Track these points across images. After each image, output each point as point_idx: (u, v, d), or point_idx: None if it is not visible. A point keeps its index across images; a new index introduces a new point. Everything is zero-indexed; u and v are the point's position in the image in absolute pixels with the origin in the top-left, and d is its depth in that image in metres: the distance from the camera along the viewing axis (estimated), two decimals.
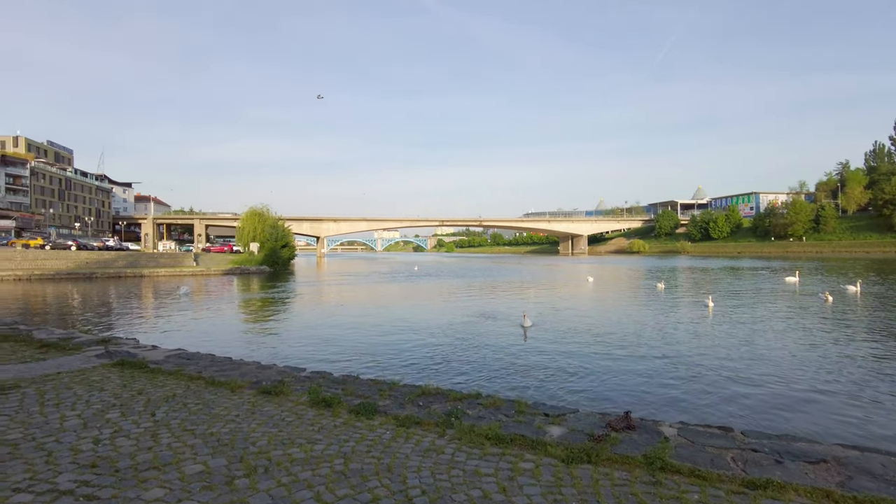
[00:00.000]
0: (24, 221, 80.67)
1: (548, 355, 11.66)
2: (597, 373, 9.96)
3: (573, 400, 8.02)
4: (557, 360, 11.07)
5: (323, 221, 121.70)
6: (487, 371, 10.07)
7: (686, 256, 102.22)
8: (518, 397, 6.08)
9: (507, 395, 8.14)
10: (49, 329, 10.62)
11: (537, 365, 10.63)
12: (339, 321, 18.41)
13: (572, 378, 9.56)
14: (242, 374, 6.68)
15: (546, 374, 9.81)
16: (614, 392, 8.56)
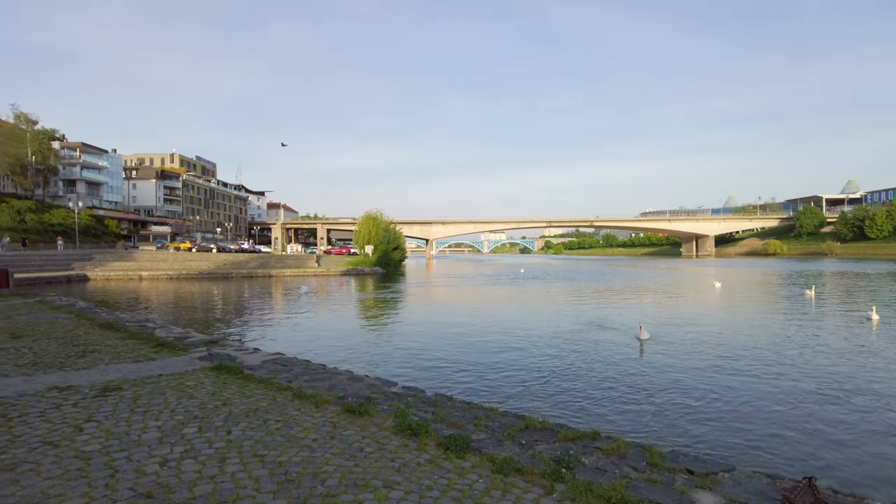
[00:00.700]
0: (177, 227, 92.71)
1: (669, 375, 9.98)
2: (734, 402, 8.15)
3: (709, 440, 6.47)
4: (681, 382, 9.37)
5: (432, 224, 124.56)
6: (598, 392, 8.72)
7: (834, 259, 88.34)
8: (651, 443, 4.82)
9: (620, 423, 6.87)
10: (170, 328, 11.30)
11: (657, 387, 9.05)
12: (441, 325, 17.92)
13: (703, 407, 7.87)
14: (331, 386, 6.21)
15: (669, 400, 8.23)
16: (763, 433, 6.78)
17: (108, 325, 11.01)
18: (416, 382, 8.48)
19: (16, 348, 8.31)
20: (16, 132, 62.05)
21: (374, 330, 17.68)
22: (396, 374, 9.60)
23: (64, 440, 4.33)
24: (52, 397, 5.57)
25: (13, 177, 62.16)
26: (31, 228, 58.42)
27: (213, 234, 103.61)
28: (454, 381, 9.21)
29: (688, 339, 14.21)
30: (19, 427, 4.62)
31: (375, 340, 14.83)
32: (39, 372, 6.69)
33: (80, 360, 7.45)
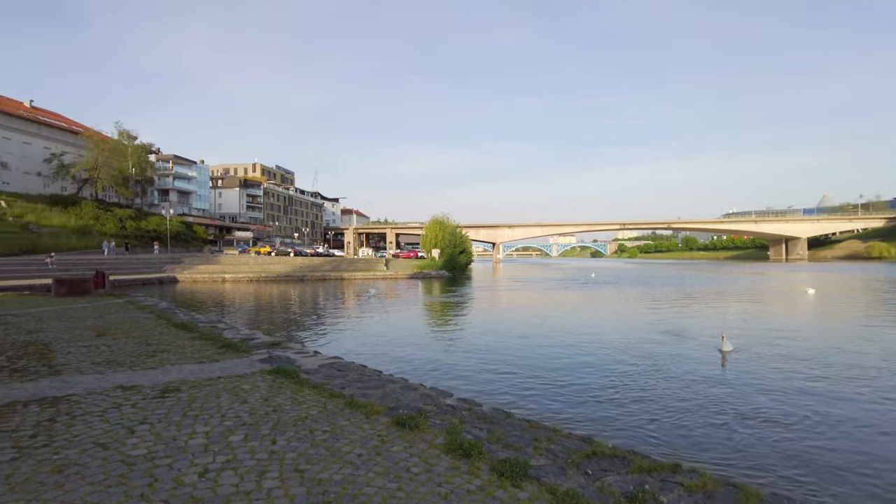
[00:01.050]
0: (258, 233, 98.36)
1: (757, 395, 8.83)
2: (840, 432, 6.98)
3: (809, 479, 5.48)
4: (772, 404, 8.23)
5: (498, 228, 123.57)
6: (676, 413, 7.81)
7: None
8: (744, 481, 4.07)
9: (702, 451, 6.05)
10: (238, 329, 11.61)
11: (744, 409, 8.00)
12: (504, 331, 17.33)
13: (801, 437, 6.74)
14: (384, 394, 5.93)
15: (758, 426, 7.17)
16: (883, 479, 5.69)
17: (182, 326, 11.49)
18: (474, 393, 8.04)
19: (97, 346, 8.78)
20: (119, 147, 68.41)
21: (435, 334, 17.43)
22: (453, 384, 9.20)
23: (115, 442, 4.31)
24: (115, 396, 5.69)
25: (116, 188, 68.52)
26: (130, 234, 64.10)
27: (291, 239, 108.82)
28: (514, 394, 8.64)
29: (777, 352, 12.75)
30: (79, 426, 4.69)
31: (436, 345, 14.54)
32: (110, 370, 6.95)
33: (149, 360, 7.70)
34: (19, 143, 62.20)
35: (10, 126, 61.24)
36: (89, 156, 65.09)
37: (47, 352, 8.17)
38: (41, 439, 4.36)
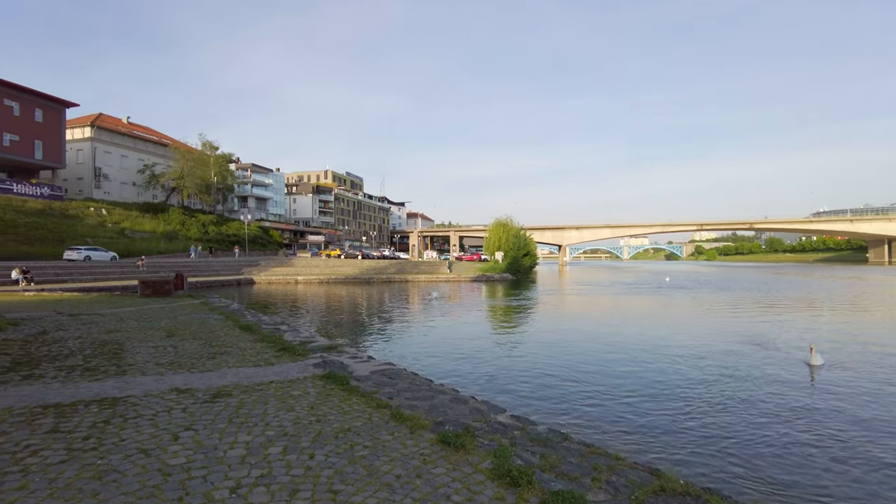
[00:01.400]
0: (329, 236, 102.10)
1: (851, 414, 7.67)
2: None
3: None
4: (872, 433, 7.07)
5: (565, 230, 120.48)
6: (759, 440, 6.86)
7: None
8: None
9: (793, 491, 5.22)
10: (298, 331, 11.76)
11: (834, 429, 6.95)
12: (567, 339, 16.53)
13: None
14: (432, 407, 5.60)
15: (858, 459, 6.16)
16: None
17: (247, 327, 11.81)
18: (529, 410, 7.54)
19: (164, 347, 9.13)
20: (203, 157, 73.40)
21: (494, 341, 16.93)
22: (508, 398, 8.71)
23: (157, 449, 4.28)
24: (169, 399, 5.77)
25: (200, 195, 73.50)
26: (213, 238, 68.48)
27: (360, 243, 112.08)
28: (574, 412, 8.01)
29: (876, 367, 11.18)
30: (129, 430, 4.73)
31: (493, 353, 14.06)
32: (171, 372, 7.13)
33: (208, 362, 7.86)
34: (118, 157, 68.33)
35: (111, 141, 67.47)
36: (176, 166, 70.34)
37: (120, 351, 8.58)
38: (92, 442, 4.41)
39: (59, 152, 56.54)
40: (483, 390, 9.03)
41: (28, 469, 3.84)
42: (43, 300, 19.20)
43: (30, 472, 3.80)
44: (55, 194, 55.57)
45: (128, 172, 69.41)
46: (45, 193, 54.38)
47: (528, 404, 8.14)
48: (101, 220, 56.52)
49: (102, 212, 58.16)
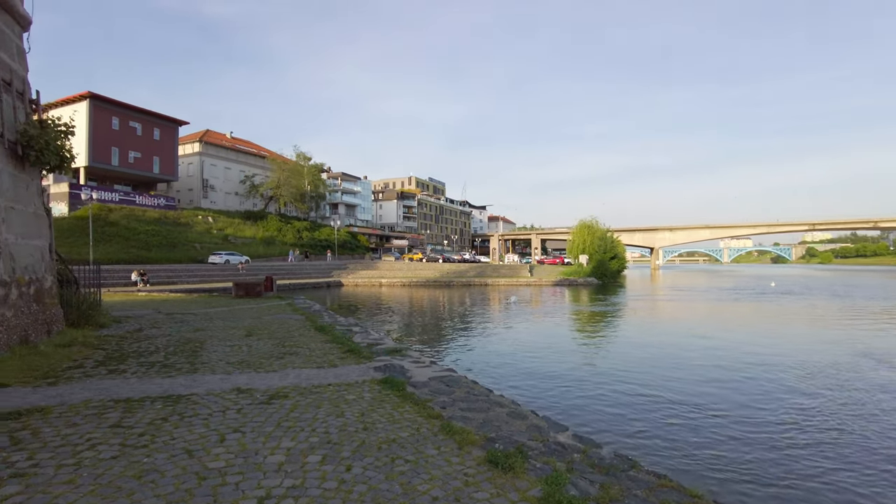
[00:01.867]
0: (412, 241, 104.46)
1: None
2: None
3: None
4: None
5: (657, 231, 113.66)
6: (878, 481, 5.66)
7: None
8: None
9: None
10: (368, 332, 11.79)
11: None
12: (653, 349, 15.23)
13: None
14: (486, 420, 5.18)
15: None
16: None
17: (321, 328, 12.06)
18: (597, 428, 6.82)
19: (240, 346, 9.48)
20: (297, 168, 78.11)
21: (570, 349, 16.03)
22: (575, 413, 8.01)
23: (202, 450, 4.25)
24: (228, 399, 5.84)
25: (295, 203, 78.23)
26: (306, 244, 72.56)
27: (441, 246, 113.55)
28: (649, 433, 7.14)
29: None
30: (181, 429, 4.79)
31: (567, 362, 13.24)
32: (238, 371, 7.31)
33: (276, 362, 8.00)
34: (223, 169, 74.59)
35: (217, 155, 73.84)
36: (273, 176, 75.46)
37: (198, 349, 9.02)
38: (145, 439, 4.50)
39: (173, 166, 62.75)
40: (548, 404, 8.41)
41: (81, 463, 3.95)
42: (151, 299, 21.16)
43: (82, 465, 3.90)
44: (170, 204, 61.69)
45: (231, 183, 75.56)
46: (162, 204, 60.51)
47: (597, 422, 7.41)
48: (207, 227, 61.89)
49: (209, 220, 63.67)
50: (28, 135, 8.89)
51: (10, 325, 8.06)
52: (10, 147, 8.62)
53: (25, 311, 8.65)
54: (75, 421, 4.95)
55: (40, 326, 9.06)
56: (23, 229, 8.99)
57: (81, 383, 6.41)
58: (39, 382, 6.39)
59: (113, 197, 54.67)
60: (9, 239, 8.42)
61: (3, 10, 9.16)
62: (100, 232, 47.78)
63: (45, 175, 10.43)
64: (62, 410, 5.27)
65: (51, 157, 9.37)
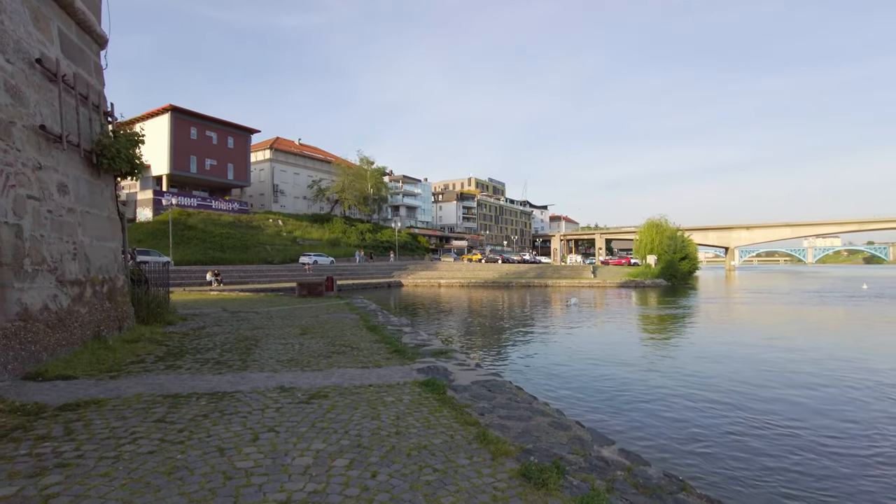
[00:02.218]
0: (472, 241, 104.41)
1: None
2: None
3: None
4: None
5: (732, 230, 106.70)
6: None
7: None
8: None
9: None
10: (418, 333, 11.70)
11: None
12: (723, 356, 14.11)
13: None
14: (525, 430, 4.88)
15: None
16: None
17: (373, 328, 12.14)
18: (649, 443, 6.28)
19: (292, 344, 9.69)
20: (361, 172, 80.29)
21: (628, 354, 15.19)
22: (626, 426, 7.45)
23: (233, 449, 4.27)
24: (270, 398, 5.90)
25: (358, 206, 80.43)
26: (368, 245, 74.37)
27: (501, 247, 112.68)
28: (709, 452, 6.48)
29: None
30: (219, 426, 4.86)
31: (623, 369, 12.52)
32: (285, 370, 7.42)
33: (322, 361, 8.06)
34: (292, 174, 77.96)
35: (287, 161, 77.29)
36: (338, 180, 77.96)
37: (253, 347, 9.30)
38: (183, 435, 4.59)
39: (246, 172, 66.28)
40: (597, 415, 7.91)
41: (121, 456, 4.07)
42: (221, 298, 22.34)
43: (121, 459, 4.01)
44: (243, 209, 65.16)
45: (299, 188, 78.80)
46: (235, 208, 64.03)
47: (651, 437, 6.83)
48: (277, 230, 64.85)
49: (279, 223, 66.71)
50: (101, 144, 9.54)
51: (85, 321, 8.66)
52: (86, 156, 9.29)
53: (99, 308, 9.28)
54: (125, 414, 5.16)
55: (112, 323, 9.69)
56: (97, 232, 9.66)
57: (139, 378, 6.73)
58: (102, 375, 6.78)
59: (191, 202, 58.48)
60: (84, 241, 9.07)
61: (83, 30, 9.90)
62: (179, 235, 51.27)
63: (119, 182, 11.17)
64: (116, 403, 5.52)
65: (122, 165, 10.02)
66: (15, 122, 7.27)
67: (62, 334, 7.83)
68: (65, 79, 8.58)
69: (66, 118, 8.76)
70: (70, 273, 8.45)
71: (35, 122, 7.76)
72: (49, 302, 7.71)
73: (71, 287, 8.43)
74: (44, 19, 8.44)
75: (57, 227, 8.17)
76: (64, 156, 8.57)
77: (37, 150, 7.79)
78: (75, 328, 8.26)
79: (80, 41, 9.76)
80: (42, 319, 7.41)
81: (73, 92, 8.97)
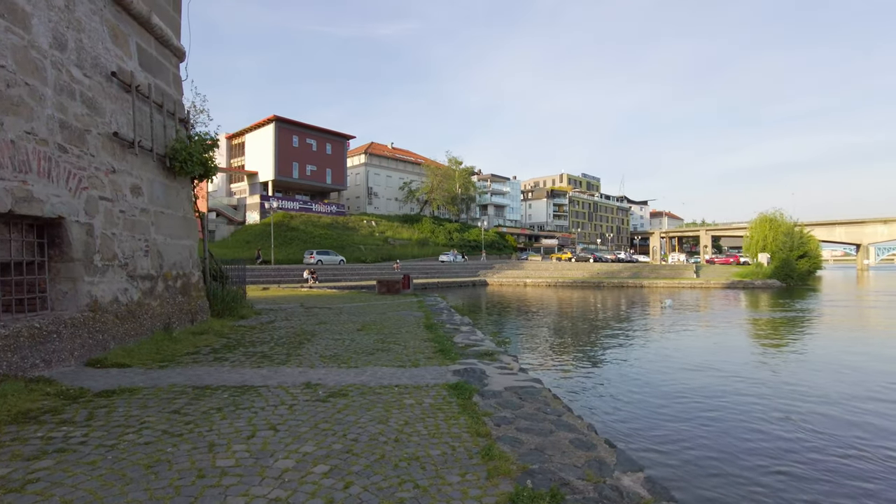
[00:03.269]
0: (562, 240, 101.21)
1: None
2: None
3: None
4: None
5: (865, 224, 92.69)
6: None
7: None
8: None
9: None
10: (473, 332, 11.21)
11: None
12: (837, 371, 12.00)
13: None
14: (538, 446, 4.27)
15: None
16: None
17: (430, 326, 11.89)
18: (689, 471, 5.24)
19: (343, 340, 9.70)
20: (449, 172, 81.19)
21: (715, 366, 13.47)
22: (670, 449, 6.33)
23: (223, 446, 4.15)
24: (291, 393, 5.81)
25: (446, 206, 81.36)
26: (456, 244, 74.91)
27: (595, 245, 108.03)
28: (758, 486, 5.28)
29: None
30: (225, 421, 4.80)
31: (696, 383, 11.04)
32: (322, 365, 7.36)
33: (363, 358, 7.92)
34: (384, 177, 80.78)
35: (380, 165, 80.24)
36: (428, 182, 79.45)
37: (305, 342, 9.44)
38: (189, 427, 4.59)
39: (343, 177, 69.72)
40: (641, 433, 6.88)
41: (117, 446, 4.12)
42: (308, 295, 23.48)
43: (115, 449, 4.06)
44: (340, 211, 68.59)
45: (392, 189, 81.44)
46: (333, 210, 67.55)
47: (695, 464, 5.71)
48: (370, 231, 67.47)
49: (372, 223, 69.39)
50: (174, 149, 10.25)
51: (155, 313, 9.31)
52: (160, 160, 10.01)
53: (170, 301, 9.96)
54: (149, 403, 5.32)
55: (184, 315, 10.37)
56: (172, 231, 10.38)
57: (184, 369, 7.02)
58: (154, 365, 7.17)
59: (294, 206, 62.63)
60: (157, 239, 9.78)
61: (161, 44, 10.70)
62: (283, 236, 55.12)
63: (196, 184, 11.97)
64: (148, 392, 5.74)
65: (195, 167, 10.70)
66: (90, 130, 7.94)
67: (131, 325, 8.45)
68: (139, 89, 9.28)
69: (142, 125, 9.49)
70: (142, 268, 9.12)
71: (110, 129, 8.44)
72: (119, 295, 8.35)
73: (142, 281, 9.09)
74: (122, 36, 9.18)
75: (129, 226, 8.85)
76: (138, 160, 9.28)
77: (111, 155, 8.47)
78: (145, 319, 8.90)
79: (159, 54, 10.55)
80: (112, 311, 8.03)
81: (148, 101, 9.70)
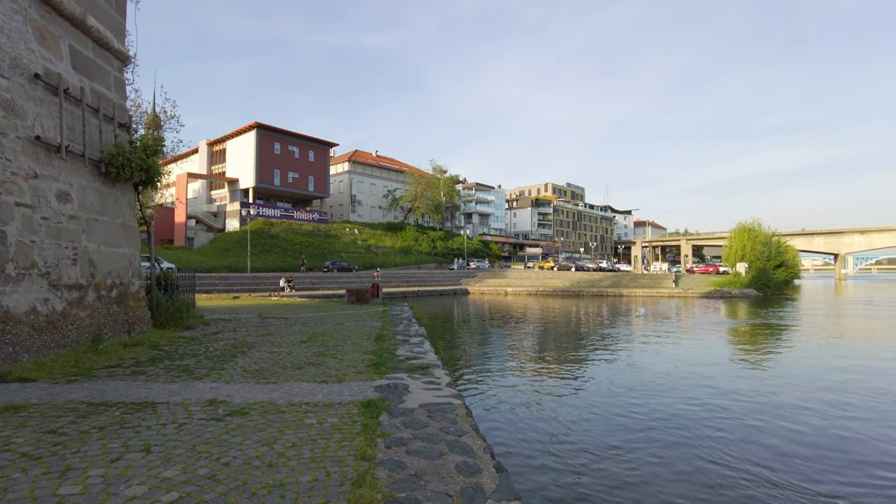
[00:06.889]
0: (546, 248, 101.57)
1: None
2: None
3: None
4: None
5: (843, 234, 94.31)
6: None
7: None
8: None
9: None
10: (422, 344, 10.95)
11: None
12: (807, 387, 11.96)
13: None
14: (418, 472, 4.05)
15: None
16: None
17: (381, 337, 11.65)
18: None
19: (279, 353, 9.41)
20: (433, 181, 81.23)
21: (659, 384, 13.39)
22: (577, 475, 6.15)
23: (77, 471, 3.85)
24: (190, 411, 5.53)
25: (431, 214, 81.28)
26: (440, 252, 74.72)
27: (579, 254, 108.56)
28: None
29: None
30: (101, 441, 4.51)
31: (653, 395, 10.93)
32: (241, 380, 7.07)
33: (287, 373, 7.64)
34: (368, 185, 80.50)
35: (364, 172, 79.96)
36: (412, 189, 79.35)
37: (238, 354, 9.13)
38: (56, 448, 4.29)
39: (326, 184, 69.30)
40: (548, 455, 6.70)
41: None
42: (276, 303, 23.08)
43: None
44: (322, 218, 68.08)
45: (375, 197, 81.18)
46: (315, 218, 67.04)
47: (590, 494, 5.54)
48: (353, 239, 67.05)
49: (355, 231, 68.95)
50: (111, 154, 9.95)
51: (84, 324, 8.97)
52: (94, 165, 9.70)
53: (103, 311, 9.62)
54: (29, 422, 5.01)
55: (119, 326, 10.02)
56: (107, 238, 10.05)
57: (93, 382, 6.71)
58: (63, 379, 6.83)
59: (275, 213, 62.04)
60: (89, 247, 9.44)
61: (101, 47, 10.43)
62: (263, 244, 54.43)
63: (140, 191, 11.65)
64: (36, 409, 5.43)
65: (134, 173, 10.40)
66: (6, 133, 7.64)
67: (51, 336, 8.10)
68: (68, 92, 8.99)
69: (73, 129, 9.19)
70: (69, 277, 8.79)
71: (32, 133, 8.14)
72: (38, 305, 8.01)
73: (69, 291, 8.75)
74: (52, 36, 8.90)
75: (54, 234, 8.52)
76: (67, 165, 8.97)
77: (33, 160, 8.16)
78: (69, 331, 8.55)
79: (98, 57, 10.27)
80: (27, 322, 7.69)
81: (81, 104, 9.41)
